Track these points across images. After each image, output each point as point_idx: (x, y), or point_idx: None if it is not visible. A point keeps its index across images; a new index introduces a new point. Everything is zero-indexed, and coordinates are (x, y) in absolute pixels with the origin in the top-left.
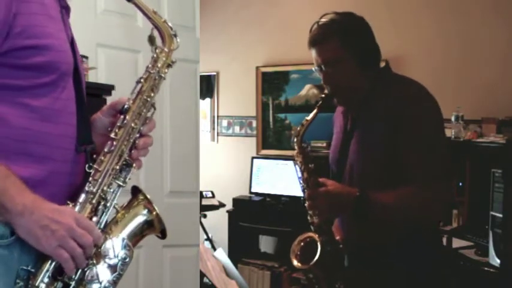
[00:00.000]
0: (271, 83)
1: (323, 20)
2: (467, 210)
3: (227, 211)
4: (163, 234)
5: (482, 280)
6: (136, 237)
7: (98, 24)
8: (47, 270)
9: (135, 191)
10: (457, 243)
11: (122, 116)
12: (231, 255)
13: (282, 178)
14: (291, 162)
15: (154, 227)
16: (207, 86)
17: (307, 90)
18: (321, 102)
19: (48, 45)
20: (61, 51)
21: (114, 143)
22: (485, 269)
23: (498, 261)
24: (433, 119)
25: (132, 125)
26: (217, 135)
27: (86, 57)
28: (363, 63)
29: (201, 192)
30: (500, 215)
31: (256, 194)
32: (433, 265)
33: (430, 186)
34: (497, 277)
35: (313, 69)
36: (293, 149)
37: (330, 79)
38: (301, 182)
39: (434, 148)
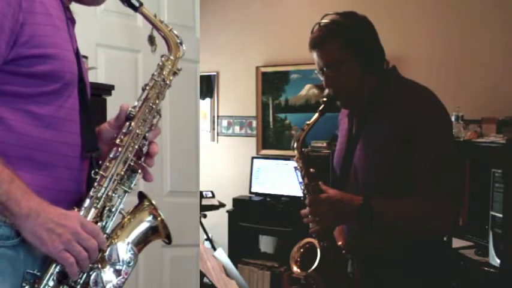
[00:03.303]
0: (271, 83)
1: (324, 20)
2: (467, 210)
3: (227, 211)
4: (169, 239)
5: (482, 280)
6: (141, 242)
7: (98, 24)
8: (52, 274)
9: (141, 196)
10: (457, 243)
11: (127, 123)
12: (231, 255)
13: (282, 178)
14: (291, 162)
15: (159, 232)
16: (207, 86)
17: (307, 90)
18: (322, 106)
19: (53, 55)
20: (65, 61)
21: (120, 149)
22: (485, 269)
23: (498, 261)
24: (444, 128)
25: (138, 131)
26: (217, 135)
27: (86, 57)
28: (365, 64)
29: (201, 192)
30: (500, 215)
31: (256, 194)
32: (438, 272)
33: (434, 198)
34: (497, 277)
35: (315, 71)
36: (294, 151)
37: (331, 82)
38: (302, 187)
39: (443, 160)
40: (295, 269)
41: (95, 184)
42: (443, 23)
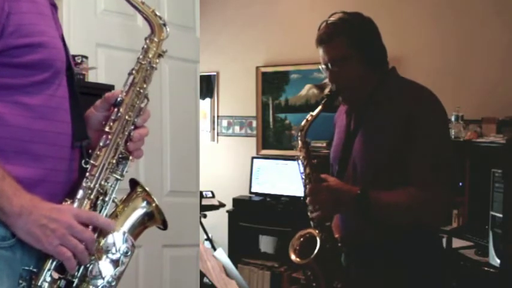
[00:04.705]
0: (271, 83)
1: (331, 19)
2: (467, 210)
3: (227, 211)
4: (164, 225)
5: (482, 280)
6: (137, 229)
7: (98, 24)
8: (49, 269)
9: (133, 183)
10: (457, 243)
11: (115, 109)
12: (231, 255)
13: (282, 178)
14: (291, 162)
15: (154, 218)
16: (207, 86)
17: (307, 90)
18: (326, 99)
19: (41, 43)
20: (54, 49)
21: (109, 136)
22: (485, 269)
23: (498, 261)
24: (441, 126)
25: (126, 117)
26: (217, 135)
27: (86, 57)
28: (369, 63)
29: (201, 192)
30: (500, 215)
31: (256, 194)
32: (432, 264)
33: (429, 188)
34: (497, 277)
35: (319, 67)
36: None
37: (335, 77)
38: (303, 177)
39: (439, 153)
40: (293, 257)
41: (87, 174)
42: (443, 23)
